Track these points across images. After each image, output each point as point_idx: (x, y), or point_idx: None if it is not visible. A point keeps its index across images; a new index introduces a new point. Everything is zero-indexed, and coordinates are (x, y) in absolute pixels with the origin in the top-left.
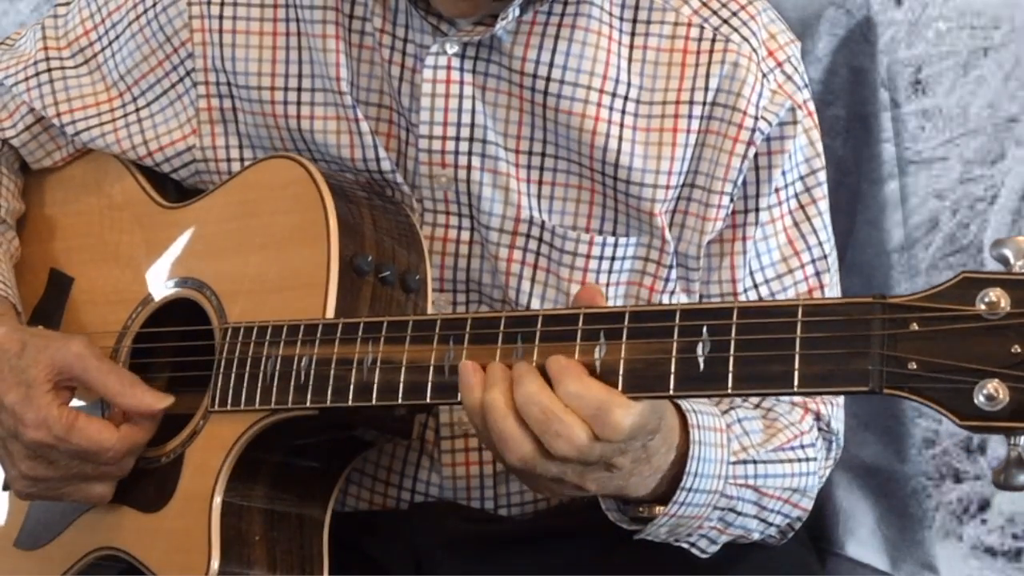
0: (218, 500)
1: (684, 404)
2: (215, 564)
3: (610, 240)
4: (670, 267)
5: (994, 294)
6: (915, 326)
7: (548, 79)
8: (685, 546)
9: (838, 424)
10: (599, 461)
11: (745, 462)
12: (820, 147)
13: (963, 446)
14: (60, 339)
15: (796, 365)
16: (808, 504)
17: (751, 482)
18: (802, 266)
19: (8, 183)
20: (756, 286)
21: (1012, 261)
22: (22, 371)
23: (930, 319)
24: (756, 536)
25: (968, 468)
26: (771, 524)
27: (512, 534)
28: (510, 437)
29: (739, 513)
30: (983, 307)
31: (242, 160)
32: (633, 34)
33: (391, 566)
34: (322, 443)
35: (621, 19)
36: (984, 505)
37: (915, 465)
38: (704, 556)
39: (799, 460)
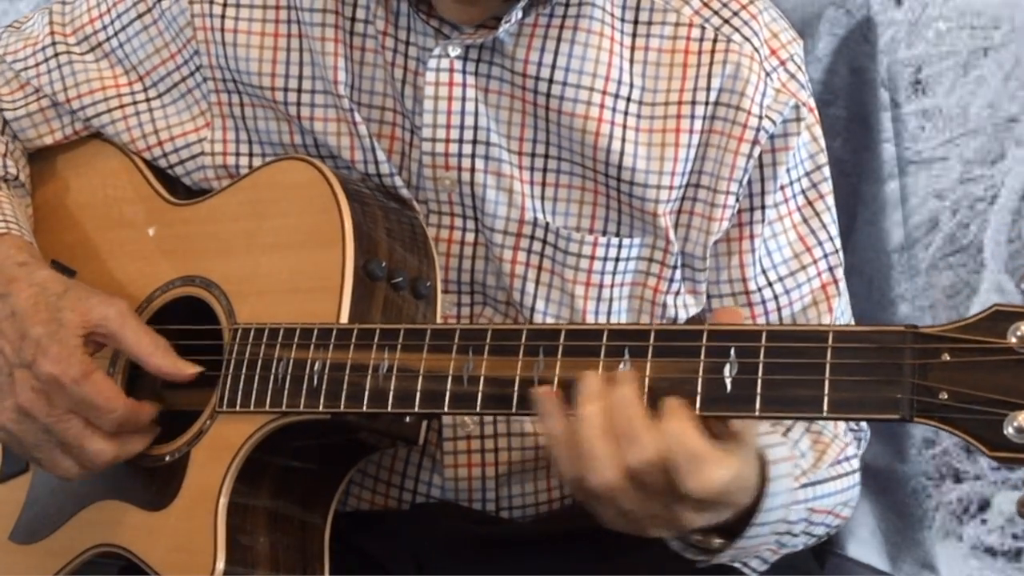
0: (224, 501)
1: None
2: (220, 565)
3: (614, 241)
4: (674, 267)
5: None
6: (947, 356)
7: (550, 81)
8: (738, 566)
9: None
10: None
11: (805, 486)
12: (823, 143)
13: (963, 446)
14: (104, 294)
15: (826, 390)
16: (850, 512)
17: (809, 505)
18: (815, 261)
19: (21, 155)
20: (770, 284)
21: None
22: (59, 310)
23: (962, 350)
24: (799, 548)
25: (968, 468)
26: (814, 536)
27: (513, 536)
28: (600, 456)
29: (794, 535)
30: (1015, 340)
31: (250, 156)
32: (635, 35)
33: (391, 566)
34: (328, 447)
35: (623, 20)
36: (984, 505)
37: (915, 465)
38: (755, 575)
39: (847, 474)
